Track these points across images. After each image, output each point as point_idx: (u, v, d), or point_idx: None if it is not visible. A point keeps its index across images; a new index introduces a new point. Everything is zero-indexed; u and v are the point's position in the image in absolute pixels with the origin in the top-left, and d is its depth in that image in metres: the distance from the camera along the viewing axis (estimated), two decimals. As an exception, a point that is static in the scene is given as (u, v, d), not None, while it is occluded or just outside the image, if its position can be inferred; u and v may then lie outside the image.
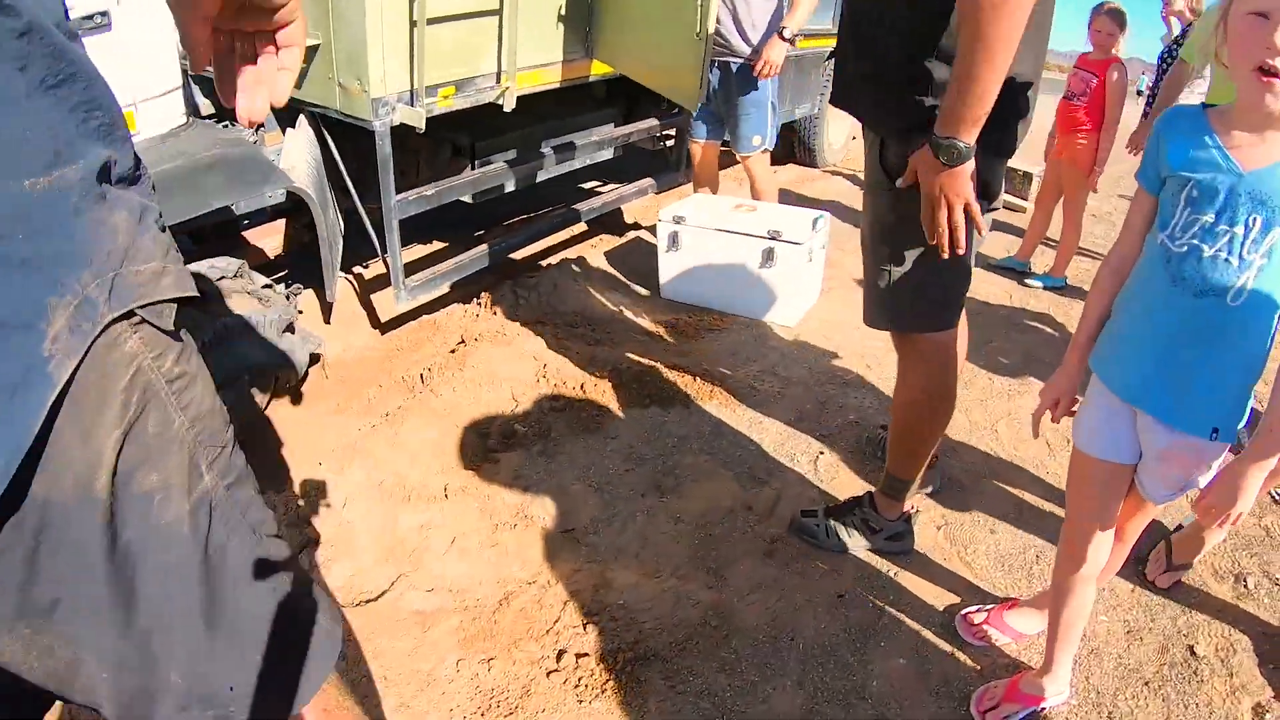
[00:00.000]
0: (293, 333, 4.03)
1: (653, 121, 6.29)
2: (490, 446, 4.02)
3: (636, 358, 4.69)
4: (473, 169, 5.18)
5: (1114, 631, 3.05)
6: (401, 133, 4.57)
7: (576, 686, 2.84)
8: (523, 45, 4.58)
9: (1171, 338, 1.96)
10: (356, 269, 5.64)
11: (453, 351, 4.77)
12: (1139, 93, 8.40)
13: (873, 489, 3.33)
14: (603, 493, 3.73)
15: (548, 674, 2.88)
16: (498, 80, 4.64)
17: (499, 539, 3.46)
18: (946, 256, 2.52)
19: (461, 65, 4.44)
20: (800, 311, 5.31)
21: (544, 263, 6.03)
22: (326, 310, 4.86)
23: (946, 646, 2.98)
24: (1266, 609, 3.16)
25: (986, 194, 2.60)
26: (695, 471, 3.86)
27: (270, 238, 5.02)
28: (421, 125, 4.20)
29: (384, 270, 4.81)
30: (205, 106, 4.35)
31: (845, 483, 3.80)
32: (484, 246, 5.15)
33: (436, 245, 6.43)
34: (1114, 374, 2.15)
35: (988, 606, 3.05)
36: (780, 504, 3.67)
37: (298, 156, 4.24)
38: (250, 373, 3.88)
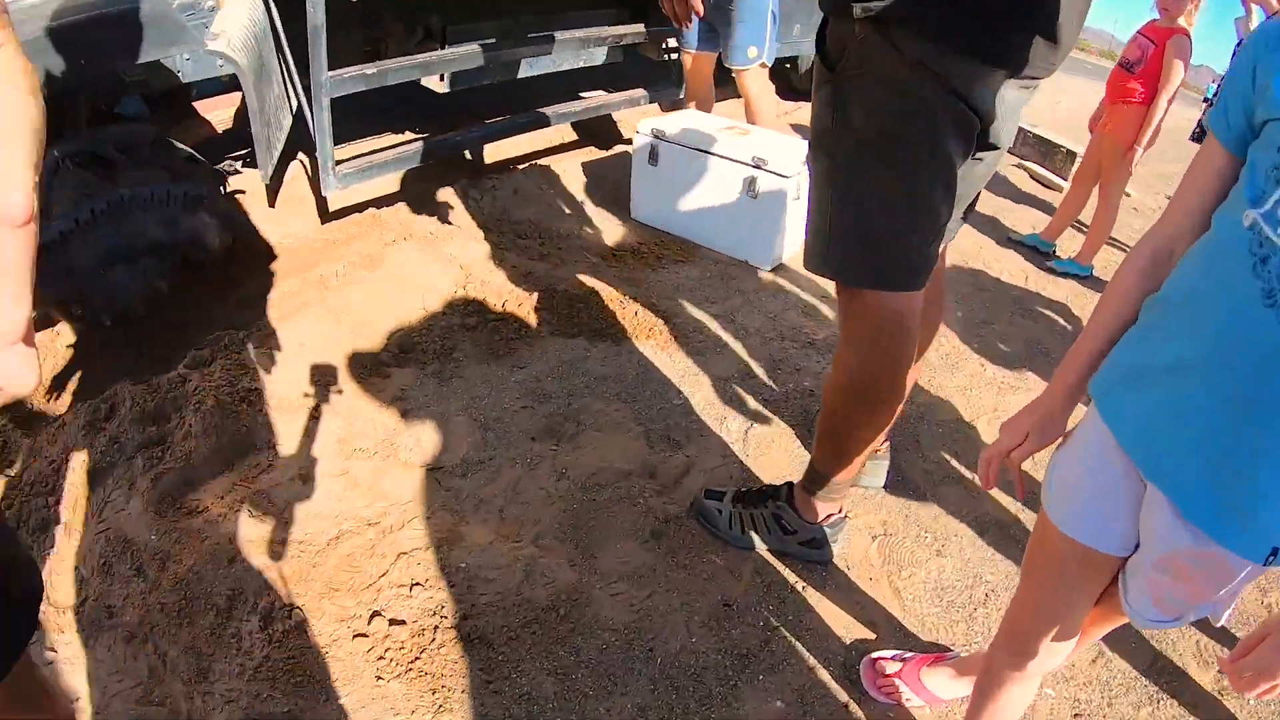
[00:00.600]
0: (209, 211, 3.71)
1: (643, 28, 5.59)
2: (381, 359, 3.45)
3: (579, 280, 4.16)
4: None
5: (1059, 714, 2.38)
6: (372, 9, 4.20)
7: (380, 659, 2.36)
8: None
9: (1244, 391, 1.16)
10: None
11: (381, 246, 4.17)
12: (1205, 100, 7.46)
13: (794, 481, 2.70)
14: (487, 430, 3.19)
15: (353, 636, 2.41)
16: None
17: (350, 467, 2.94)
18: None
19: None
20: (778, 254, 4.62)
21: (514, 168, 5.33)
22: (272, 194, 4.46)
23: (841, 695, 2.37)
24: (1252, 712, 2.45)
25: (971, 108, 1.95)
26: (601, 421, 3.28)
27: (224, 109, 4.67)
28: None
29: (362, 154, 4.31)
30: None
31: (774, 463, 3.19)
32: (436, 139, 4.50)
33: (401, 138, 5.76)
34: (1127, 422, 1.36)
35: (906, 654, 2.42)
36: (689, 476, 3.08)
37: (233, 22, 3.73)
38: (148, 249, 3.59)
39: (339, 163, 4.10)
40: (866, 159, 2.04)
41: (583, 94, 6.67)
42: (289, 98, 4.34)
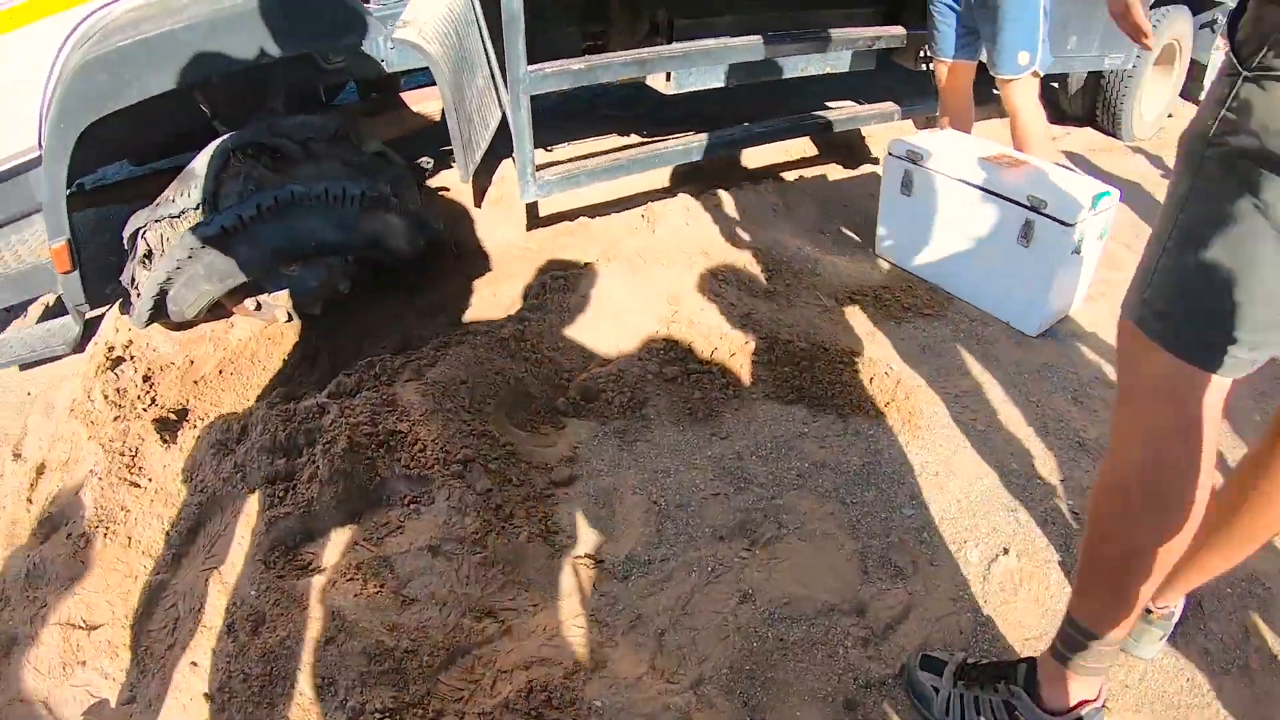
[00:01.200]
0: (394, 211, 3.35)
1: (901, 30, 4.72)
2: (557, 405, 2.88)
3: (807, 328, 3.43)
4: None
5: None
6: None
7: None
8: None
9: None
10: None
11: (584, 265, 3.60)
12: None
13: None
14: (666, 518, 2.56)
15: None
16: None
17: (490, 543, 2.35)
18: None
19: None
20: (1046, 318, 3.66)
21: (743, 184, 4.64)
22: (478, 194, 4.10)
23: None
24: None
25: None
26: (809, 526, 2.57)
27: (431, 101, 4.34)
28: None
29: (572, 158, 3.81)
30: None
31: (1019, 617, 2.39)
32: (653, 146, 3.91)
33: (619, 141, 5.19)
34: None
35: None
36: (906, 623, 2.31)
37: (427, 9, 3.39)
38: (322, 249, 3.30)
39: (540, 168, 3.59)
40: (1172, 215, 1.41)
41: (825, 103, 5.91)
42: (496, 93, 3.88)
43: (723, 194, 4.24)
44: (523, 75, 3.38)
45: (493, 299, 3.49)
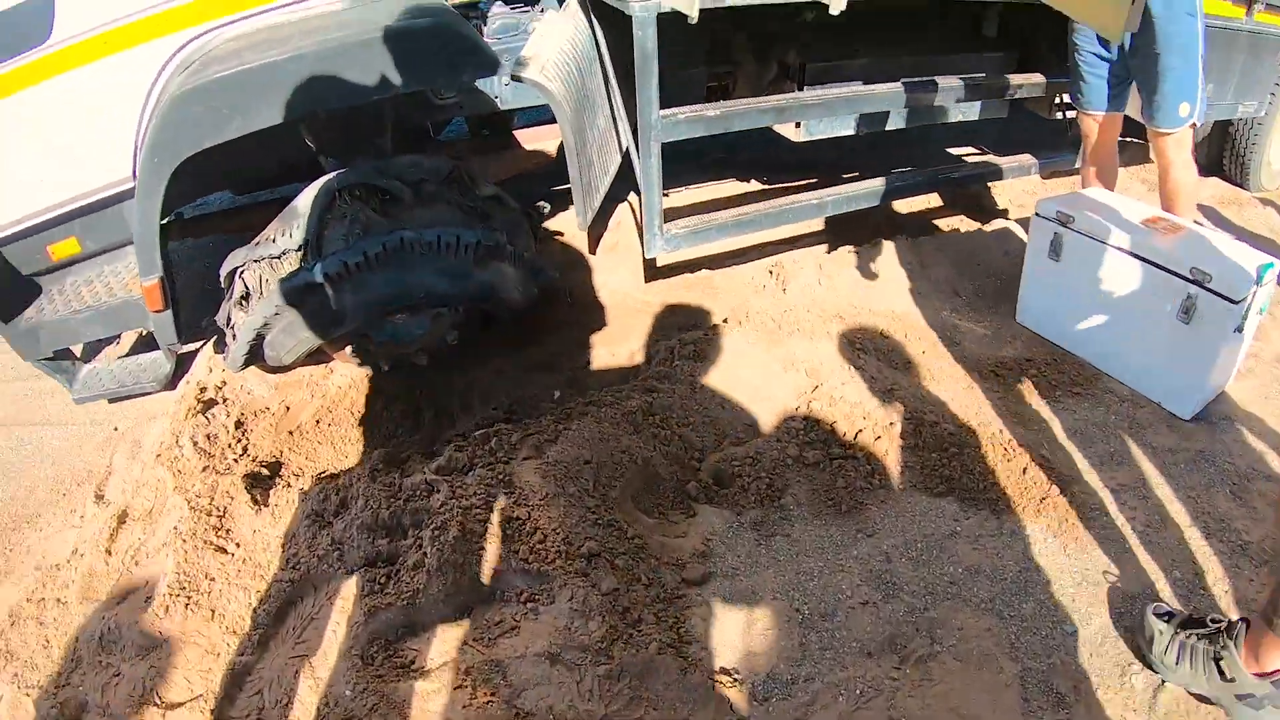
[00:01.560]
0: (508, 260, 3.10)
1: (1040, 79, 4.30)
2: (688, 489, 2.56)
3: (952, 406, 3.08)
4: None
5: None
6: (719, 38, 3.58)
7: None
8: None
9: None
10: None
11: (712, 328, 3.28)
12: None
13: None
14: (810, 629, 2.24)
15: None
16: None
17: (616, 653, 2.05)
18: None
19: None
20: (1201, 399, 3.23)
21: (871, 240, 4.26)
22: (593, 240, 3.85)
23: None
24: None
25: None
26: (965, 645, 2.23)
27: (547, 141, 4.08)
28: (693, 12, 2.83)
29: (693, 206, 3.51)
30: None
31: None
32: (784, 200, 3.59)
33: (743, 188, 4.87)
34: None
35: None
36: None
37: (548, 45, 3.15)
38: (431, 299, 3.06)
39: (668, 218, 3.30)
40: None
41: (946, 148, 5.54)
42: (617, 135, 3.60)
43: (855, 251, 3.89)
44: (655, 121, 3.09)
45: (610, 358, 3.20)
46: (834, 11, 2.96)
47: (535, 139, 4.12)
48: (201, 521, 2.58)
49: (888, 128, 4.07)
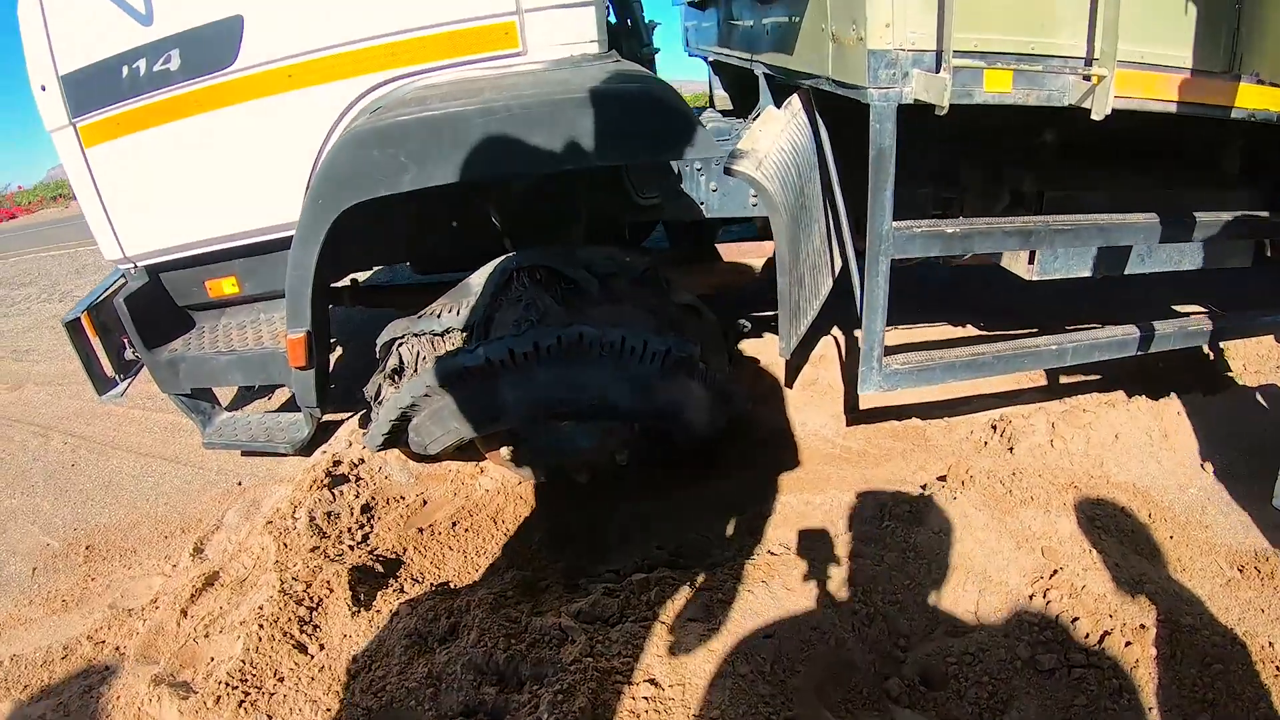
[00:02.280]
0: (699, 379, 2.55)
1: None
2: (888, 686, 1.96)
3: (1208, 608, 2.35)
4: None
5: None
6: (947, 157, 3.09)
7: None
8: (1131, 19, 2.37)
9: None
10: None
11: (922, 488, 2.67)
12: None
13: None
14: None
15: None
16: (1086, 67, 2.45)
17: None
18: None
19: (1023, 28, 2.43)
20: None
21: (1105, 397, 3.51)
22: (791, 371, 3.36)
23: None
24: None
25: None
26: None
27: (752, 257, 3.50)
28: (944, 103, 2.29)
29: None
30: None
31: None
32: (1021, 343, 2.96)
33: (955, 333, 4.19)
34: None
35: None
36: None
37: (766, 141, 2.67)
38: (599, 409, 2.52)
39: (890, 352, 2.71)
40: None
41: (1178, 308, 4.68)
42: (830, 255, 3.08)
43: (1090, 411, 3.19)
44: (887, 231, 2.55)
45: (803, 509, 2.61)
46: (1096, 117, 2.41)
47: (738, 255, 3.62)
48: (289, 609, 2.13)
49: (1127, 270, 3.36)
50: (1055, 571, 2.32)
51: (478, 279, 2.53)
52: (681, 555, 2.42)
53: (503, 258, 2.53)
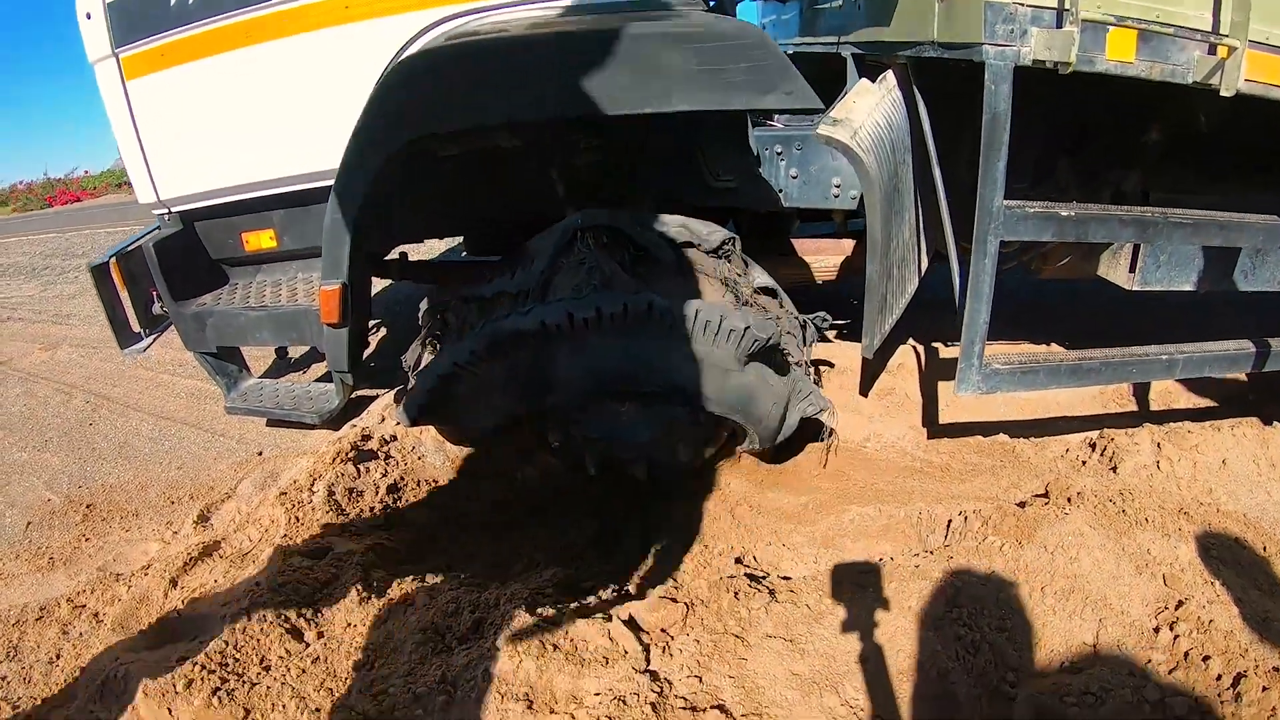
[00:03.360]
0: (777, 369, 2.18)
1: None
2: None
3: None
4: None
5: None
6: (1046, 152, 2.73)
7: None
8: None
9: None
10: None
11: (1020, 505, 2.25)
12: None
13: None
14: None
15: None
16: (1210, 39, 2.08)
17: None
18: None
19: None
20: None
21: (1205, 423, 3.06)
22: (867, 377, 2.97)
23: None
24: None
25: None
26: None
27: (827, 255, 3.08)
28: (1070, 59, 1.96)
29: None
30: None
31: None
32: (1129, 351, 2.55)
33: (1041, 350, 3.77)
34: None
35: None
36: None
37: (860, 112, 2.30)
38: (665, 391, 2.10)
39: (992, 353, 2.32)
40: None
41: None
42: (919, 253, 2.71)
43: (1195, 433, 2.75)
44: (997, 209, 2.17)
45: (885, 522, 2.20)
46: (1226, 93, 2.04)
47: (815, 253, 3.22)
48: (288, 588, 1.76)
49: (1229, 286, 2.96)
50: (1180, 603, 1.90)
51: (537, 243, 2.18)
52: (750, 566, 2.02)
53: (566, 220, 2.17)
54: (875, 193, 2.17)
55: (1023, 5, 1.98)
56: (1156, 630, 1.83)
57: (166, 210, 2.66)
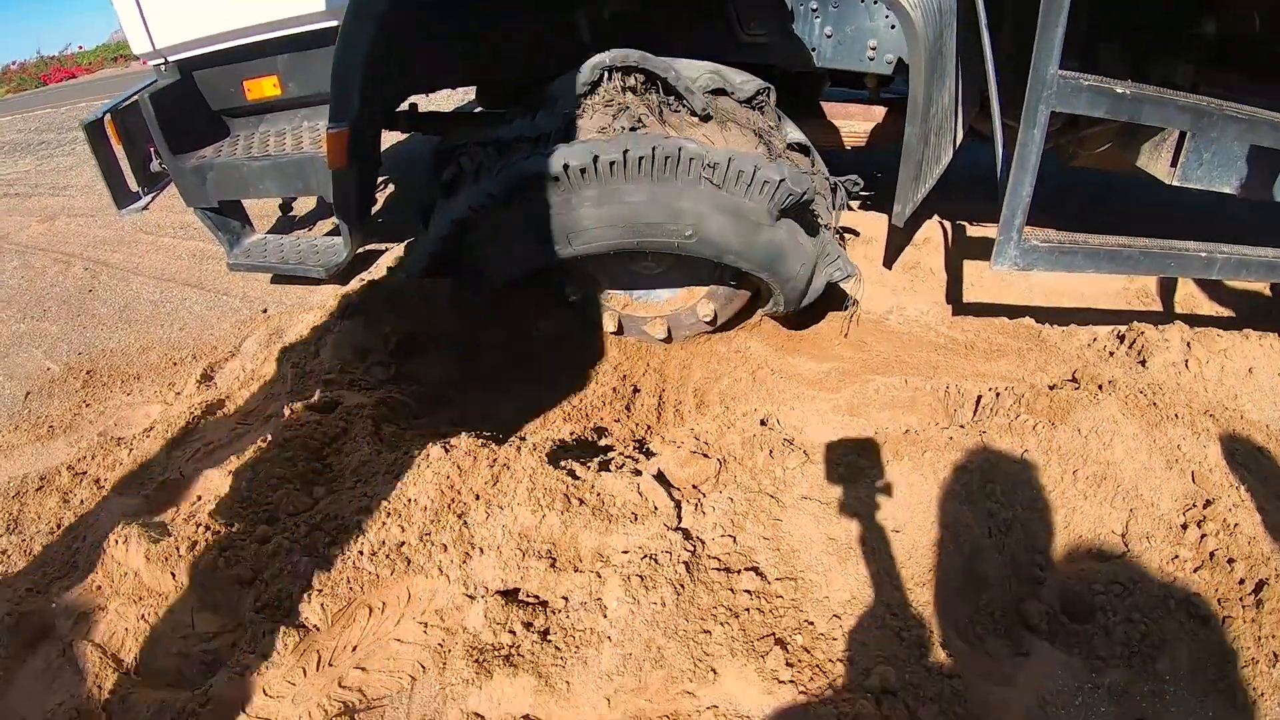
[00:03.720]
0: (806, 227, 2.07)
1: None
2: (1027, 613, 1.50)
3: None
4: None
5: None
6: (1089, 41, 2.55)
7: None
8: None
9: None
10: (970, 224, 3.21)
11: (1051, 388, 2.15)
12: None
13: None
14: None
15: None
16: None
17: None
18: None
19: None
20: None
21: (1235, 326, 2.94)
22: (892, 249, 2.89)
23: None
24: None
25: None
26: None
27: (857, 121, 2.92)
28: None
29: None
30: None
31: None
32: (1170, 243, 2.44)
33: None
34: None
35: None
36: None
37: None
38: (694, 244, 1.96)
39: (1030, 229, 2.20)
40: None
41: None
42: (955, 124, 2.55)
43: (1224, 337, 2.66)
44: (1051, 78, 2.01)
45: (912, 397, 2.10)
46: None
47: (844, 117, 3.06)
48: (295, 444, 1.67)
49: (1272, 192, 2.83)
50: (1209, 502, 1.83)
51: (562, 84, 2.02)
52: (769, 426, 1.94)
53: (594, 59, 1.99)
54: (920, 52, 2.04)
55: None
56: (1184, 527, 1.76)
57: (163, 60, 2.46)
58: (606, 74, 1.97)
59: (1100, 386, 2.09)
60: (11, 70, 16.15)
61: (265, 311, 2.83)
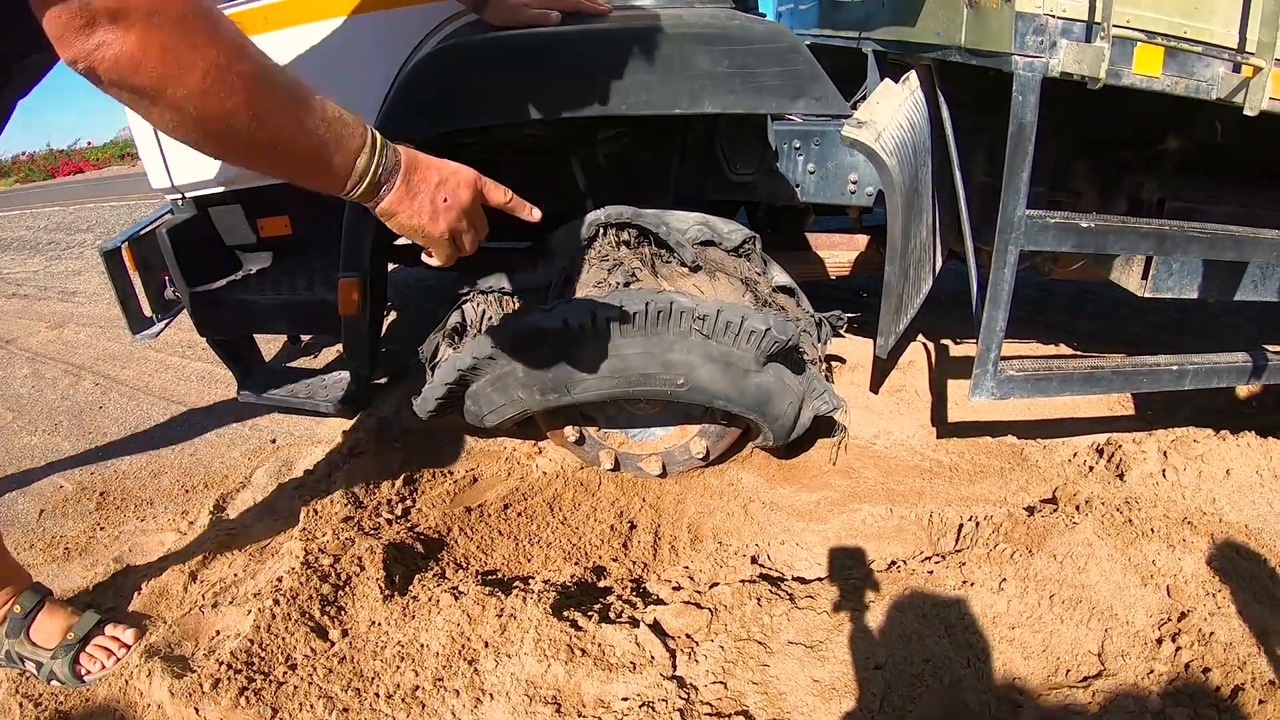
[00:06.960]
0: (793, 369, 2.20)
1: None
2: None
3: None
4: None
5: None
6: (1061, 158, 2.76)
7: None
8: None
9: None
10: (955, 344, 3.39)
11: (1029, 510, 2.31)
12: None
13: None
14: None
15: None
16: (1237, 58, 2.10)
17: None
18: None
19: (1178, 8, 2.07)
20: None
21: (1206, 431, 3.07)
22: (878, 374, 3.04)
23: None
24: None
25: None
26: None
27: (841, 251, 3.11)
28: (1099, 75, 1.95)
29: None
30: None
31: None
32: (1141, 360, 2.59)
33: (1050, 351, 3.78)
34: None
35: None
36: None
37: (885, 114, 2.29)
38: (685, 391, 2.12)
39: (1006, 359, 2.35)
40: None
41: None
42: (934, 254, 2.73)
43: (1201, 442, 2.78)
44: (1019, 219, 2.18)
45: (896, 523, 2.23)
46: (1249, 112, 2.04)
47: (829, 248, 3.25)
48: (312, 585, 1.78)
49: (1237, 296, 2.99)
50: (1184, 614, 1.94)
51: (560, 237, 2.19)
52: (764, 565, 2.06)
53: (591, 215, 2.17)
54: (897, 196, 2.17)
55: (1054, 17, 1.98)
56: (1160, 641, 1.86)
57: (180, 195, 2.64)
58: (601, 230, 2.14)
59: (1077, 507, 2.22)
60: (21, 160, 16.50)
61: (274, 441, 2.94)
